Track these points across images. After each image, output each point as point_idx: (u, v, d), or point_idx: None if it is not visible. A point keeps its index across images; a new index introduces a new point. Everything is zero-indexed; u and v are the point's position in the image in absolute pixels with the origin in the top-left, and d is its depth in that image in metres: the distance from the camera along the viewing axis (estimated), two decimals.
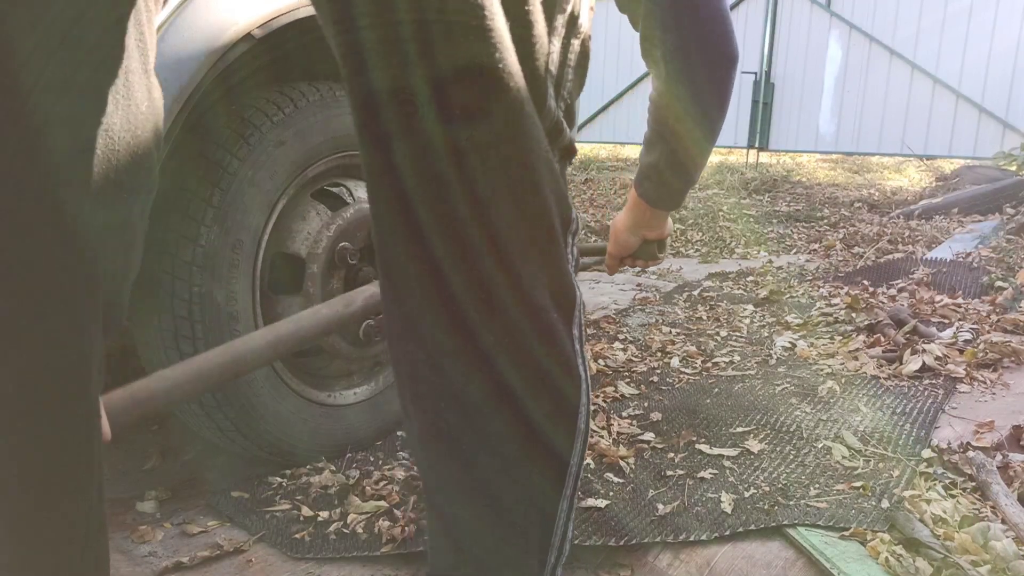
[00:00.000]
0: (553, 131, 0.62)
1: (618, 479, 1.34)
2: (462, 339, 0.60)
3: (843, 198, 5.46)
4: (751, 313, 2.49)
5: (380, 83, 0.55)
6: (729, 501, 1.25)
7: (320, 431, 1.44)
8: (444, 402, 0.62)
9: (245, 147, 1.27)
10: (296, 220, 1.39)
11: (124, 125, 0.62)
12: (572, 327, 0.65)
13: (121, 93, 0.62)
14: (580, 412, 0.66)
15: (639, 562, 1.13)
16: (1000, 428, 1.52)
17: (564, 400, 0.65)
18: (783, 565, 1.11)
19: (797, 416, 1.60)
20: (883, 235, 3.82)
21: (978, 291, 2.57)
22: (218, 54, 1.18)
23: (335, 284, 1.42)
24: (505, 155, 0.57)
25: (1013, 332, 2.14)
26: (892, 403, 1.67)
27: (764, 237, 4.06)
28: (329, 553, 1.17)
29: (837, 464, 1.38)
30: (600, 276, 3.15)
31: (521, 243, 0.58)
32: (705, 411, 1.63)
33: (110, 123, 0.61)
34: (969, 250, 3.20)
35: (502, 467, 0.63)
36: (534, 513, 0.66)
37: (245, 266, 1.28)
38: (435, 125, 0.55)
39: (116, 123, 0.61)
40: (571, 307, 0.64)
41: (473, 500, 0.65)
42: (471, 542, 0.66)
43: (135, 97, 0.63)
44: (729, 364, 1.98)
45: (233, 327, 1.27)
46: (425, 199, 0.57)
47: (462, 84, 0.55)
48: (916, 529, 1.14)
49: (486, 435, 0.62)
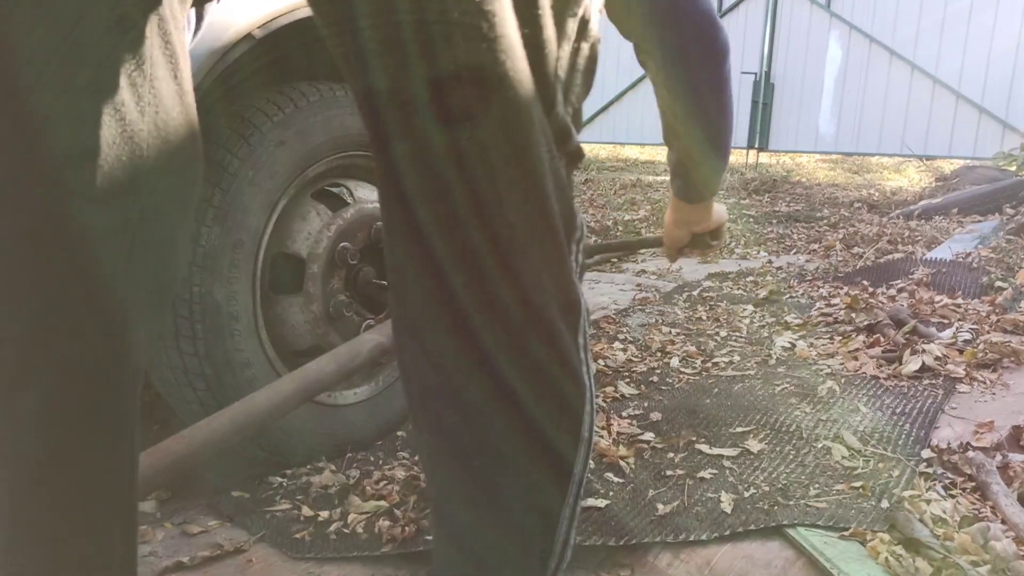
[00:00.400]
0: (561, 136, 0.62)
1: (618, 479, 1.34)
2: (462, 340, 0.60)
3: (843, 198, 5.47)
4: (751, 313, 2.49)
5: (380, 83, 0.55)
6: (729, 501, 1.25)
7: (320, 431, 1.44)
8: (444, 401, 0.62)
9: (245, 147, 1.27)
10: (296, 220, 1.39)
11: (154, 132, 0.62)
12: (577, 335, 0.64)
13: (147, 100, 0.62)
14: (584, 420, 0.65)
15: (639, 562, 1.13)
16: (1000, 428, 1.52)
17: (568, 406, 0.64)
18: (783, 565, 1.11)
19: (797, 416, 1.60)
20: (883, 235, 3.82)
21: (978, 291, 2.57)
22: (218, 54, 1.18)
23: (335, 284, 1.43)
24: (506, 156, 0.57)
25: (1013, 332, 2.14)
26: (892, 403, 1.67)
27: (764, 237, 4.06)
28: (329, 553, 1.17)
29: (837, 464, 1.38)
30: (600, 276, 3.15)
31: (522, 246, 0.58)
32: (705, 411, 1.63)
33: (135, 130, 0.61)
34: (969, 250, 3.20)
35: (503, 468, 0.63)
36: (536, 515, 0.66)
37: (245, 266, 1.28)
38: (435, 125, 0.55)
39: (144, 129, 0.61)
40: (576, 314, 0.64)
41: (474, 500, 0.65)
42: (472, 542, 0.66)
43: (164, 104, 0.63)
44: (729, 364, 1.98)
45: (233, 327, 1.27)
46: (425, 199, 0.57)
47: (462, 84, 0.55)
48: (916, 529, 1.14)
49: (487, 435, 0.62)
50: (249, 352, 1.30)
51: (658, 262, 3.43)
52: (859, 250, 3.53)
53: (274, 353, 1.37)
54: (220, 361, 1.25)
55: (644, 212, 4.92)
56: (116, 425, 0.67)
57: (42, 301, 0.60)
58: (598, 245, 3.30)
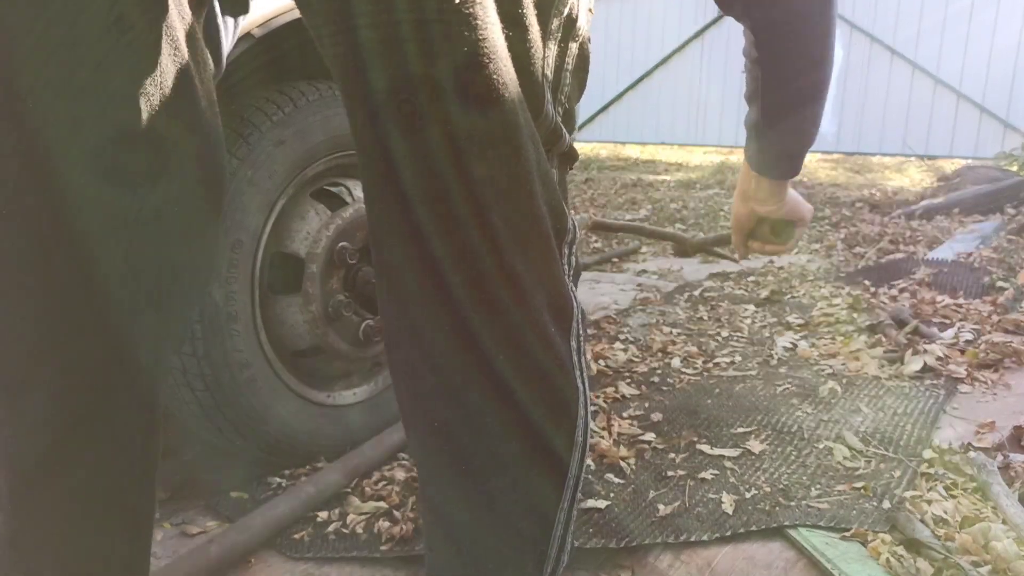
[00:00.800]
0: (551, 137, 0.61)
1: (619, 480, 1.34)
2: (463, 340, 0.60)
3: (844, 198, 5.46)
4: (752, 313, 2.49)
5: (379, 83, 0.54)
6: (730, 502, 1.25)
7: (320, 431, 1.43)
8: (444, 401, 0.62)
9: (244, 146, 1.27)
10: (295, 220, 1.39)
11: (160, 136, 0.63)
12: (569, 338, 0.64)
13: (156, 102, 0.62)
14: (578, 424, 0.65)
15: (639, 563, 1.13)
16: (1001, 428, 1.52)
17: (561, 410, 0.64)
18: (784, 566, 1.11)
19: (798, 416, 1.60)
20: (884, 235, 3.82)
21: (979, 291, 2.57)
22: None
23: (334, 284, 1.42)
24: (504, 156, 0.57)
25: (1014, 332, 2.14)
26: (893, 403, 1.66)
27: None
28: (329, 553, 1.17)
29: (838, 465, 1.38)
30: (600, 276, 3.15)
31: (510, 248, 0.58)
32: (706, 411, 1.63)
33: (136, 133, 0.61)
34: (970, 250, 3.20)
35: (501, 469, 0.63)
36: (533, 518, 0.65)
37: (244, 266, 1.28)
38: (435, 125, 0.55)
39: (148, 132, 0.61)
40: (567, 318, 0.63)
41: (474, 501, 0.65)
42: (471, 543, 0.66)
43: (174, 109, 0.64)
44: (730, 364, 1.97)
45: (232, 327, 1.26)
46: (425, 200, 0.57)
47: (462, 84, 0.54)
48: (917, 530, 1.14)
49: (486, 436, 0.62)
50: (248, 352, 1.29)
51: (659, 262, 3.43)
52: (861, 250, 3.52)
53: (273, 353, 1.36)
54: (219, 361, 1.25)
55: (645, 211, 4.91)
56: (123, 427, 0.67)
57: (46, 303, 0.60)
58: (699, 241, 3.34)
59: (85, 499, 0.65)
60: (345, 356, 1.46)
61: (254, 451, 1.36)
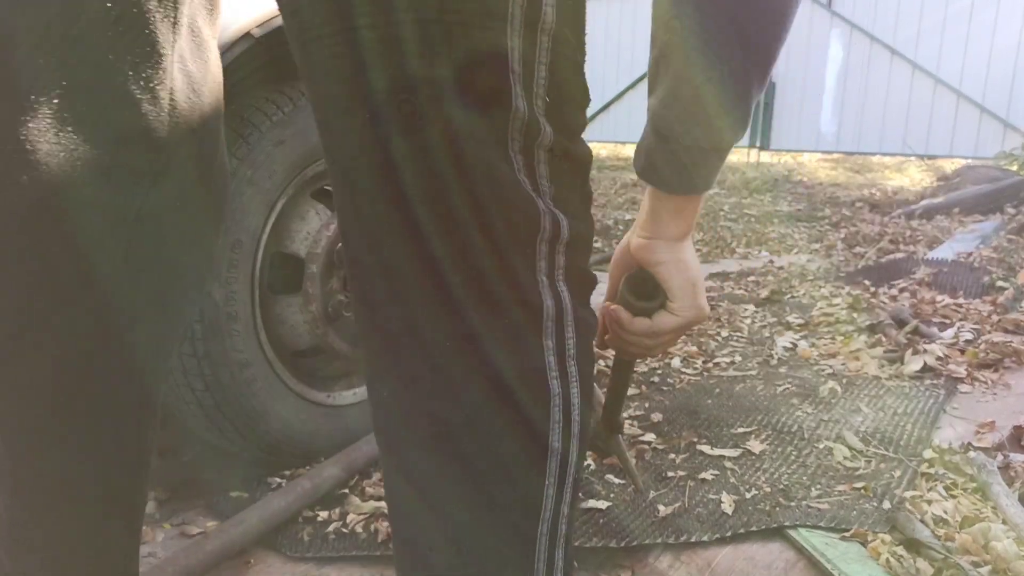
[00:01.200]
0: (529, 130, 0.60)
1: (619, 480, 1.34)
2: (461, 340, 0.60)
3: (844, 198, 5.46)
4: (752, 313, 2.49)
5: (379, 83, 0.54)
6: (730, 502, 1.25)
7: (320, 431, 1.43)
8: (443, 402, 0.62)
9: (244, 146, 1.27)
10: (295, 220, 1.39)
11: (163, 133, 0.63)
12: (542, 338, 0.62)
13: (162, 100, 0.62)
14: (552, 429, 0.64)
15: (640, 563, 1.13)
16: (1001, 428, 1.52)
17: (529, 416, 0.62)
18: (784, 566, 1.11)
19: (798, 417, 1.60)
20: (884, 235, 3.82)
21: (979, 291, 2.57)
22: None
23: (334, 284, 1.42)
24: (493, 152, 0.57)
25: (1014, 332, 2.14)
26: (893, 403, 1.66)
27: (765, 237, 4.05)
28: (329, 553, 1.17)
29: (838, 465, 1.38)
30: (600, 276, 3.14)
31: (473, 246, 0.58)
32: (706, 412, 1.63)
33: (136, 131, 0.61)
34: (970, 250, 3.20)
35: (500, 468, 0.63)
36: (532, 520, 0.65)
37: (244, 266, 1.28)
38: (435, 125, 0.55)
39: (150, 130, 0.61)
40: (535, 317, 0.62)
41: (474, 502, 0.64)
42: (472, 544, 0.66)
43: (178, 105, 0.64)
44: (730, 364, 1.97)
45: (232, 327, 1.26)
46: (425, 200, 0.57)
47: (462, 84, 0.55)
48: (917, 530, 1.14)
49: (486, 436, 0.62)
50: (248, 352, 1.29)
51: None
52: (861, 250, 3.52)
53: (273, 353, 1.36)
54: (219, 361, 1.25)
55: None
56: (119, 419, 0.67)
57: (44, 303, 0.60)
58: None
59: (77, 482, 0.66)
60: (345, 356, 1.46)
61: (254, 451, 1.36)
